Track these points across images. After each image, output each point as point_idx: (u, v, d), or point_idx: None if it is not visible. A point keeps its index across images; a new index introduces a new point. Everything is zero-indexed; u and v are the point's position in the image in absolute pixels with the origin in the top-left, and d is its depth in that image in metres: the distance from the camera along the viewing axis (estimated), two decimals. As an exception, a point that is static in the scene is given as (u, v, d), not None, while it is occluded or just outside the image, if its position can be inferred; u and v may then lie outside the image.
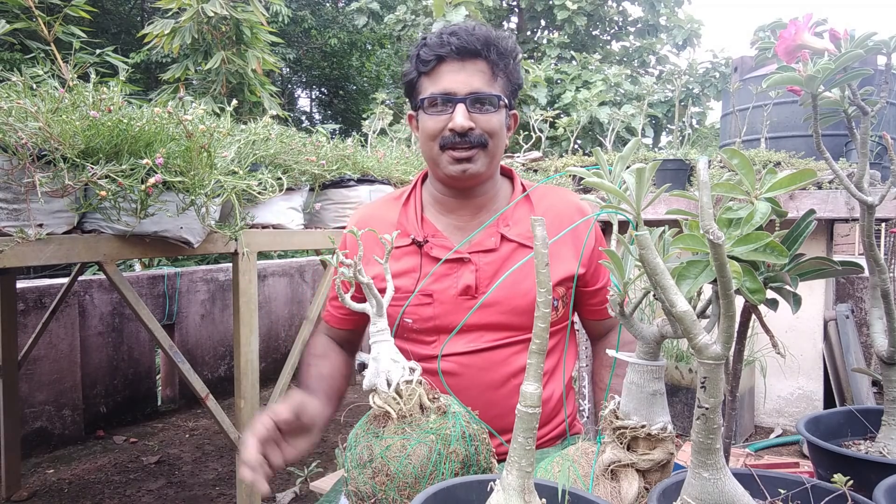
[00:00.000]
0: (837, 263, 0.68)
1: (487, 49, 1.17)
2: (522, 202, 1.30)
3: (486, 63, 1.18)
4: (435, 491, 0.68)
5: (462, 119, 1.15)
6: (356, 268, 0.87)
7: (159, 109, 1.67)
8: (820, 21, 0.79)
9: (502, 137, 1.23)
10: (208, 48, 5.62)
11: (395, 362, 0.90)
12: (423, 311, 1.22)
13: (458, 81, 1.17)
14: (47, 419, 3.18)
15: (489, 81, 1.18)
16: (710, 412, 0.60)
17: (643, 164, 0.61)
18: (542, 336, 0.62)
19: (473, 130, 1.17)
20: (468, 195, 1.27)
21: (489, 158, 1.21)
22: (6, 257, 1.45)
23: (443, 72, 1.18)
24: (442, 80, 1.18)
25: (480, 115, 1.17)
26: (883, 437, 0.84)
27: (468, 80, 1.17)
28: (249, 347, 2.11)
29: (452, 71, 1.17)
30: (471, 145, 1.18)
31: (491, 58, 1.18)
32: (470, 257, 1.23)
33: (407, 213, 1.30)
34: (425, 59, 1.19)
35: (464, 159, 1.18)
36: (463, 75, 1.17)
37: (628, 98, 8.03)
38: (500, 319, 1.21)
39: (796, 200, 3.24)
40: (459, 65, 1.17)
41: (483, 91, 1.17)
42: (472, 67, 1.17)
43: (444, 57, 1.17)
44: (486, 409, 1.15)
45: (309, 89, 16.36)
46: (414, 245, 1.25)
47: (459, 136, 1.17)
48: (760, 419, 3.62)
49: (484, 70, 1.18)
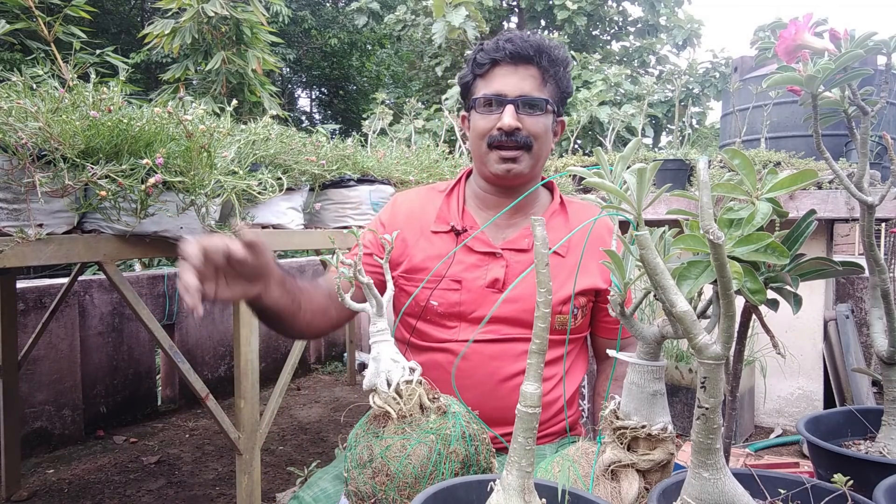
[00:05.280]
0: (838, 263, 0.68)
1: (539, 56, 1.23)
2: (559, 213, 1.35)
3: (537, 69, 1.23)
4: (435, 491, 0.68)
5: (510, 119, 1.21)
6: (356, 268, 0.87)
7: (159, 109, 1.67)
8: (820, 21, 0.79)
9: (547, 141, 1.27)
10: (208, 48, 5.62)
11: (395, 362, 0.90)
12: (450, 296, 1.26)
13: (509, 84, 1.23)
14: (47, 419, 3.18)
15: (539, 86, 1.23)
16: (710, 412, 0.60)
17: (644, 165, 0.61)
18: (541, 336, 0.62)
19: (520, 131, 1.22)
20: (510, 194, 1.31)
21: (533, 160, 1.26)
22: (6, 257, 1.45)
23: (496, 74, 1.24)
24: (494, 83, 1.24)
25: (528, 118, 1.22)
26: (883, 437, 0.84)
27: (519, 83, 1.22)
28: (249, 347, 2.11)
29: (505, 74, 1.23)
30: (517, 145, 1.23)
31: (542, 64, 1.23)
32: (502, 253, 1.28)
33: (449, 203, 1.35)
34: (481, 62, 1.26)
35: (509, 159, 1.24)
36: (514, 79, 1.23)
37: (628, 98, 8.03)
38: (522, 316, 1.24)
39: (796, 200, 3.24)
40: (512, 69, 1.23)
41: (532, 95, 1.22)
42: (523, 72, 1.23)
43: (498, 60, 1.23)
44: (489, 399, 1.18)
45: (309, 89, 16.36)
46: (452, 232, 1.30)
47: (507, 136, 1.22)
48: (760, 419, 3.62)
49: (535, 75, 1.23)
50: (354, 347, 4.58)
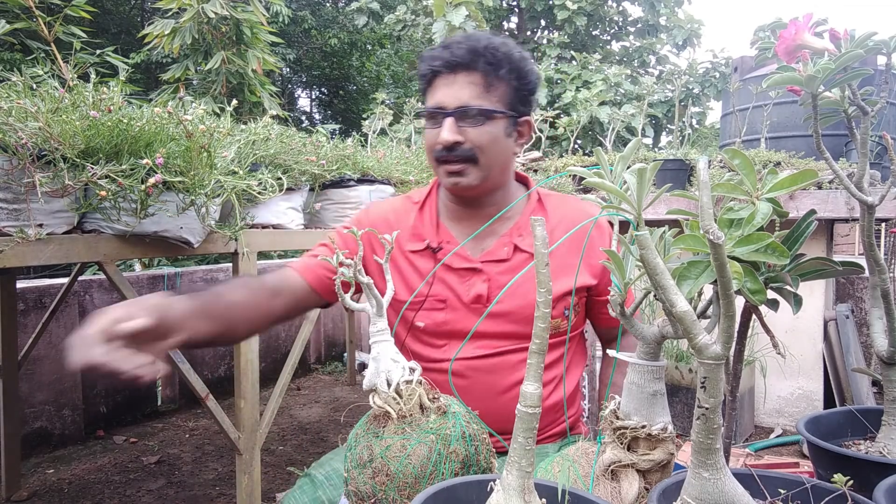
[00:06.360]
0: (838, 264, 0.68)
1: (476, 60, 1.15)
2: (537, 211, 1.30)
3: (479, 74, 1.16)
4: (435, 491, 0.68)
5: (448, 134, 1.15)
6: (356, 268, 0.87)
7: (159, 109, 1.67)
8: (820, 21, 0.79)
9: (499, 149, 1.20)
10: (208, 48, 5.62)
11: (395, 362, 0.90)
12: (435, 315, 1.24)
13: (448, 95, 1.17)
14: (47, 419, 3.18)
15: (481, 93, 1.16)
16: (710, 412, 0.60)
17: (644, 165, 0.61)
18: (542, 336, 0.62)
19: (462, 144, 1.16)
20: (475, 205, 1.27)
21: (483, 171, 1.20)
22: (6, 257, 1.45)
23: (437, 86, 1.19)
24: (436, 94, 1.19)
25: (471, 129, 1.16)
26: (883, 437, 0.84)
27: (458, 93, 1.16)
28: (249, 347, 2.11)
29: (445, 84, 1.18)
30: (459, 159, 1.17)
31: (481, 68, 1.16)
32: (482, 268, 1.24)
33: (423, 217, 1.31)
34: (422, 73, 1.21)
35: (454, 173, 1.19)
36: (454, 88, 1.16)
37: (628, 98, 8.03)
38: (511, 329, 1.22)
39: (796, 200, 3.24)
40: (451, 77, 1.17)
41: (471, 105, 1.15)
42: (463, 80, 1.16)
43: (438, 71, 1.18)
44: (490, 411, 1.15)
45: (309, 89, 16.36)
46: (428, 250, 1.26)
47: (447, 151, 1.17)
48: (760, 419, 3.62)
49: (476, 81, 1.16)
50: (354, 347, 4.58)
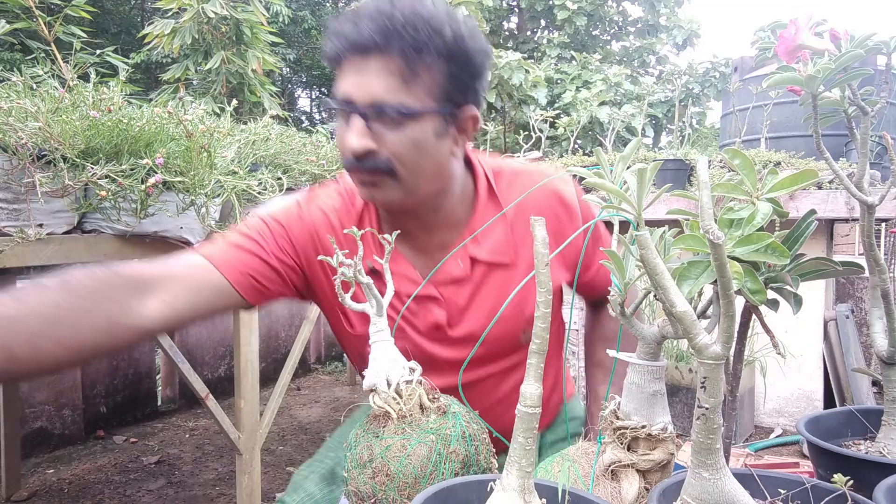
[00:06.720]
0: (838, 264, 0.68)
1: (389, 42, 0.84)
2: (487, 201, 1.04)
3: (396, 60, 0.85)
4: (435, 491, 0.68)
5: (356, 140, 0.87)
6: (356, 268, 0.87)
7: (159, 109, 1.67)
8: (820, 21, 0.79)
9: (422, 159, 0.91)
10: (208, 48, 5.62)
11: (395, 362, 0.90)
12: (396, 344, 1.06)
13: (356, 86, 0.87)
14: (47, 419, 3.18)
15: (398, 85, 0.86)
16: (710, 412, 0.60)
17: (644, 165, 0.61)
18: (542, 336, 0.62)
19: (375, 153, 0.89)
20: (412, 216, 1.01)
21: (405, 186, 0.92)
22: (6, 257, 1.45)
23: (345, 71, 0.89)
24: (343, 82, 0.89)
25: (388, 132, 0.88)
26: (883, 437, 0.83)
27: (368, 84, 0.86)
28: (249, 347, 2.11)
29: (354, 71, 0.88)
30: (371, 171, 0.90)
31: (399, 52, 0.85)
32: (436, 293, 1.02)
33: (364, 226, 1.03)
34: (329, 53, 0.91)
35: (368, 183, 0.92)
36: (365, 77, 0.86)
37: (628, 98, 8.04)
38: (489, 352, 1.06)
39: (796, 200, 3.24)
40: (361, 62, 0.87)
41: (387, 101, 0.86)
42: (376, 66, 0.86)
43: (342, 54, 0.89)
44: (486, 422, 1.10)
45: (309, 89, 16.37)
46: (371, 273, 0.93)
47: (358, 160, 0.90)
48: (760, 419, 3.62)
49: (394, 70, 0.85)
50: (354, 347, 4.57)
